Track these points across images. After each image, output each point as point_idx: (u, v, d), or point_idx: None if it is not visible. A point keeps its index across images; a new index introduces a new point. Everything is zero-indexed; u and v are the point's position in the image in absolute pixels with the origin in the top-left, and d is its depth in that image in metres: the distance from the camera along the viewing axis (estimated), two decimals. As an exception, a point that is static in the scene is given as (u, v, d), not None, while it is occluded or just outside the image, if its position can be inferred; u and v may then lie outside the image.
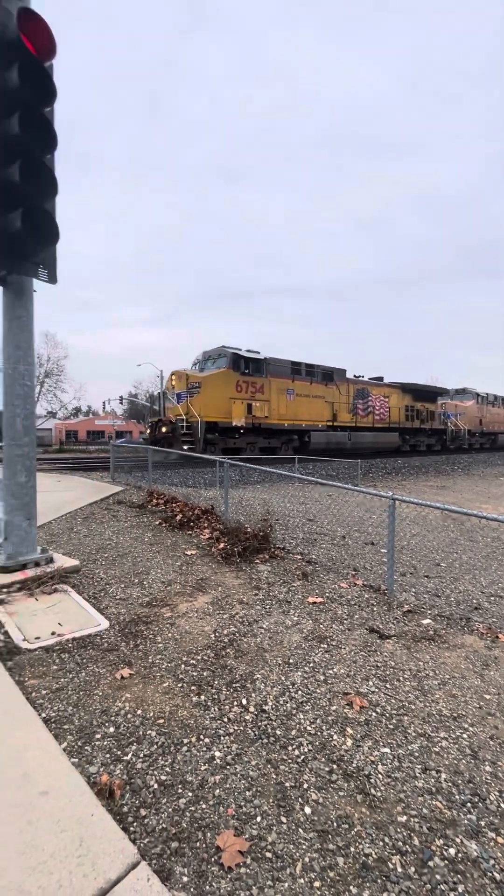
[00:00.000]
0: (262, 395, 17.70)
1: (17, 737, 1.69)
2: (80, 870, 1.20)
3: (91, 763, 1.62)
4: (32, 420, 3.58)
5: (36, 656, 2.33)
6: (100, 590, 3.31)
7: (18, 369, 3.46)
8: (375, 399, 22.58)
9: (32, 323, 3.56)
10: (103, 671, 2.23)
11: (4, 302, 3.44)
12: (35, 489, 3.61)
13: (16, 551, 3.47)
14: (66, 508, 5.99)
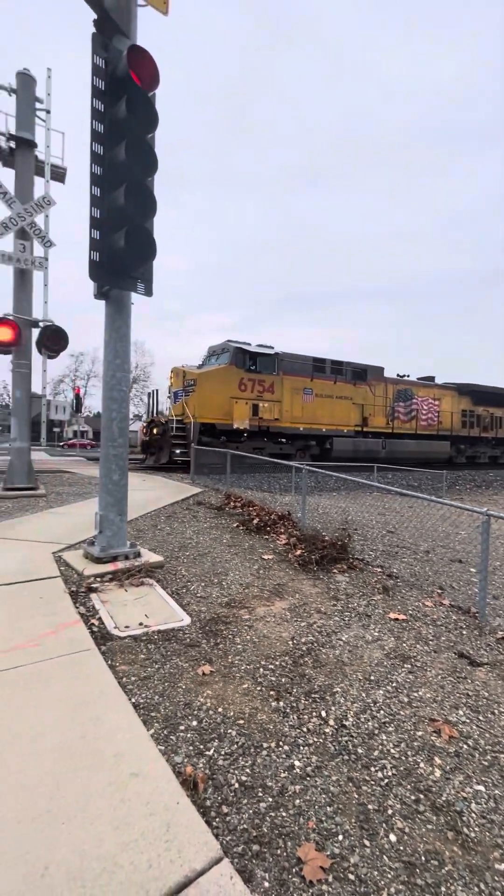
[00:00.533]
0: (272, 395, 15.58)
1: (110, 718, 1.81)
2: (168, 854, 1.25)
3: (176, 753, 1.69)
4: (126, 423, 3.85)
5: (126, 644, 2.48)
6: (181, 586, 3.45)
7: (116, 376, 3.74)
8: (422, 402, 19.62)
9: (129, 333, 3.84)
10: (186, 665, 2.32)
11: (106, 314, 3.76)
12: (127, 487, 3.87)
13: (108, 544, 3.75)
14: (151, 507, 6.35)
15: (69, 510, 6.14)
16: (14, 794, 1.41)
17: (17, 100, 7.44)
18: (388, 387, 18.60)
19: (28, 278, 7.52)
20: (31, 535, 4.62)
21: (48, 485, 8.48)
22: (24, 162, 7.53)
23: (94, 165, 3.37)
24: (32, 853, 1.23)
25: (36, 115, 7.66)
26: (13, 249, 7.29)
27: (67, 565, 3.65)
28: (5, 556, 3.80)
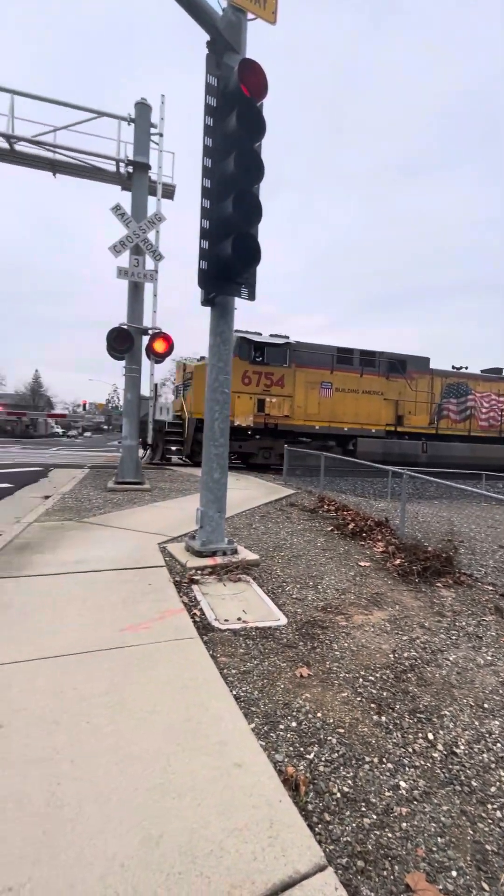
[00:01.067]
0: (282, 389, 13.98)
1: (214, 706, 1.88)
2: (272, 851, 1.27)
3: (276, 751, 1.70)
4: (227, 424, 4.00)
5: (225, 637, 2.57)
6: (277, 586, 3.48)
7: (219, 379, 3.90)
8: (481, 398, 16.58)
9: (232, 337, 3.98)
10: (283, 665, 2.33)
11: (211, 320, 3.94)
12: (226, 486, 4.02)
13: (208, 539, 3.92)
14: (245, 506, 6.51)
15: (171, 504, 6.55)
16: (132, 764, 1.53)
17: (135, 128, 8.15)
18: (435, 380, 15.85)
19: (140, 290, 8.18)
20: (140, 526, 5.01)
21: (152, 480, 9.14)
22: (140, 183, 8.22)
23: (204, 179, 3.56)
24: (148, 821, 1.32)
25: (151, 140, 8.30)
26: (128, 265, 7.98)
27: (171, 556, 3.90)
28: (120, 545, 4.18)
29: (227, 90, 3.49)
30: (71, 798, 1.38)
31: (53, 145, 8.74)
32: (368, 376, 15.00)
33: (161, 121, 8.40)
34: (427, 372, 16.02)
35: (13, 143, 8.52)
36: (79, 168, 9.10)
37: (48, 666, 2.09)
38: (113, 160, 8.80)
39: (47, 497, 6.97)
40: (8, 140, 8.47)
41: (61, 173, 9.32)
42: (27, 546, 4.03)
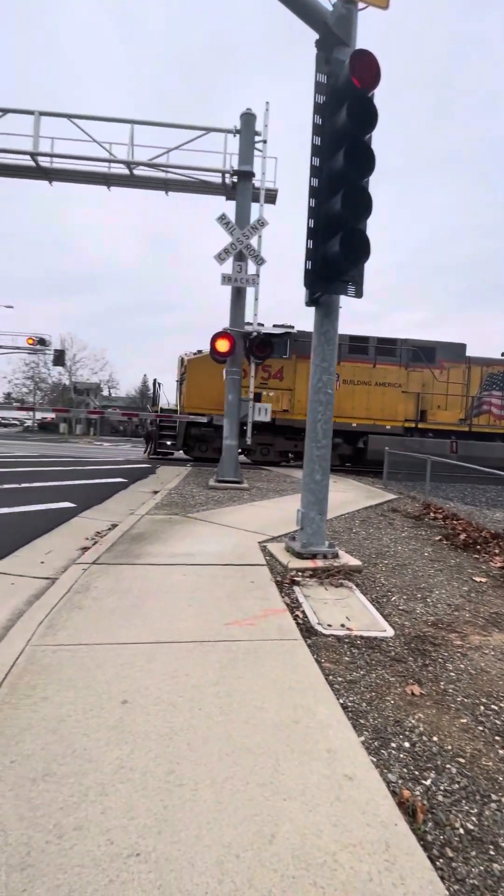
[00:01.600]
0: (281, 382, 13.01)
1: (320, 711, 1.85)
2: (389, 876, 1.20)
3: (389, 770, 1.62)
4: (330, 425, 3.93)
5: (329, 642, 2.52)
6: (381, 595, 3.33)
7: (322, 379, 3.85)
8: None
9: (336, 337, 3.90)
10: (392, 680, 2.21)
11: (315, 320, 3.90)
12: (327, 487, 3.95)
13: (308, 541, 3.89)
14: (344, 509, 6.35)
15: (269, 504, 6.64)
16: (243, 756, 1.57)
17: (240, 138, 8.43)
18: (472, 370, 13.48)
19: (242, 295, 8.44)
20: (240, 524, 5.16)
21: (250, 479, 9.37)
22: (244, 191, 8.47)
23: (312, 179, 3.54)
24: (260, 818, 1.34)
25: (254, 148, 8.52)
26: (231, 271, 8.27)
27: (272, 556, 3.94)
28: (222, 540, 4.34)
29: (337, 85, 3.44)
30: (188, 779, 1.45)
31: (166, 166, 9.42)
32: (384, 366, 13.37)
33: (265, 127, 8.57)
34: (462, 360, 13.72)
35: (133, 168, 9.36)
36: (188, 184, 9.69)
37: (163, 651, 2.23)
38: (219, 172, 9.22)
39: (156, 492, 7.51)
40: (128, 166, 9.33)
41: (173, 191, 10.01)
42: (141, 537, 4.38)
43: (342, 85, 3.37)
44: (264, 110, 8.74)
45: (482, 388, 13.65)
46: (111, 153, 9.33)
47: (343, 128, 3.33)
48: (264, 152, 8.86)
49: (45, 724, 1.65)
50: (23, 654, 2.11)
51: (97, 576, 3.21)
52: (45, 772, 1.44)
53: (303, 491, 4.01)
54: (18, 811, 1.30)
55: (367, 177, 3.42)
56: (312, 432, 3.90)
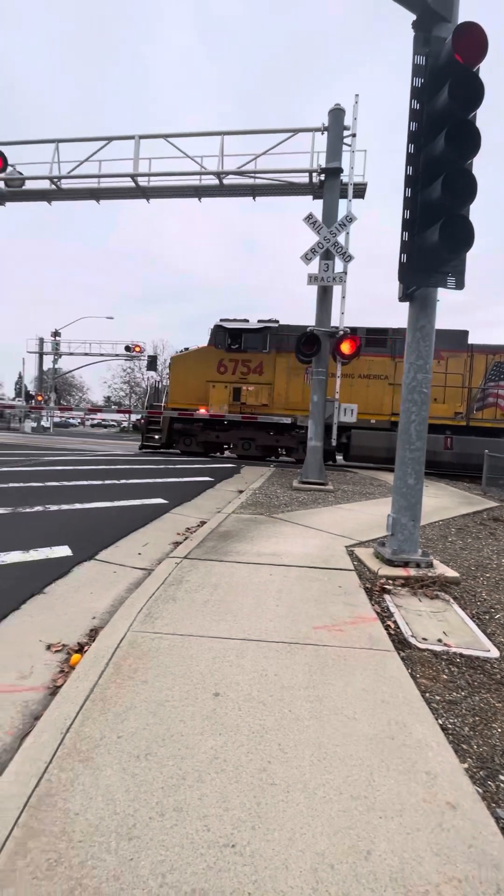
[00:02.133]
0: (261, 377, 12.93)
1: (417, 730, 1.75)
2: (502, 923, 1.09)
3: (498, 804, 1.47)
4: (425, 426, 3.71)
5: (425, 657, 2.37)
6: (483, 611, 3.05)
7: (417, 377, 3.65)
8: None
9: (433, 332, 3.67)
10: (499, 706, 2.01)
11: (409, 315, 3.71)
12: (421, 492, 3.73)
13: (400, 548, 3.71)
14: (438, 516, 5.96)
15: (355, 507, 6.45)
16: (335, 765, 1.53)
17: (328, 135, 8.32)
18: (476, 358, 12.30)
19: (328, 294, 8.31)
20: (325, 526, 5.08)
21: (334, 482, 9.19)
22: (331, 188, 8.35)
23: (408, 167, 3.37)
24: (354, 832, 1.29)
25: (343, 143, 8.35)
26: (318, 270, 8.19)
27: (360, 561, 3.82)
28: (308, 542, 4.31)
29: (437, 65, 3.23)
30: (280, 779, 1.46)
31: (254, 172, 9.61)
32: (370, 357, 12.65)
33: (354, 121, 8.36)
34: (464, 349, 12.54)
35: (222, 178, 9.70)
36: (275, 187, 9.80)
37: (252, 648, 2.27)
38: (306, 172, 9.18)
39: (241, 491, 7.69)
40: (218, 177, 9.69)
41: (260, 195, 10.19)
42: (228, 534, 4.51)
43: (443, 63, 3.16)
44: (353, 104, 8.53)
45: (487, 379, 12.44)
46: (202, 166, 9.76)
47: (444, 109, 3.12)
48: (353, 146, 8.65)
49: (146, 707, 1.76)
50: (125, 638, 2.28)
51: (188, 570, 3.37)
52: (147, 751, 1.54)
53: (394, 495, 3.83)
54: (125, 784, 1.40)
55: (470, 158, 3.16)
56: (405, 434, 3.71)
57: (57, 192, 10.94)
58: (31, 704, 1.91)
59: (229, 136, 9.81)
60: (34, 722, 1.78)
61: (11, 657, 2.24)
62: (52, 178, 10.65)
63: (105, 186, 10.68)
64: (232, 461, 13.82)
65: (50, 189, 10.92)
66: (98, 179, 10.63)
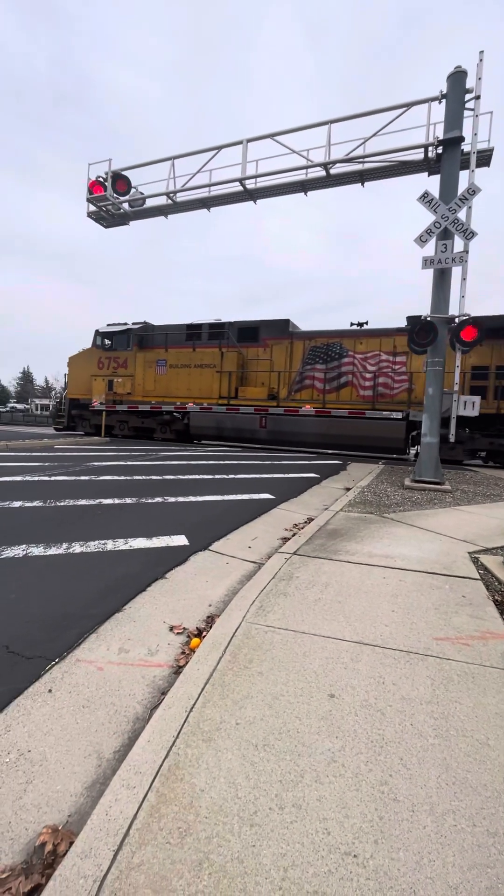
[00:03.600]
0: (126, 370, 16.30)
1: None
2: None
3: None
4: None
5: None
6: None
7: None
8: (363, 360, 12.80)
9: None
10: None
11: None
12: None
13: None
14: None
15: (478, 510, 5.86)
16: (467, 794, 1.40)
17: (447, 102, 7.62)
18: (295, 345, 14.10)
19: (447, 276, 7.65)
20: (443, 529, 4.70)
21: (452, 481, 8.47)
22: (450, 161, 7.64)
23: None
24: (493, 872, 1.16)
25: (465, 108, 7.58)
26: (434, 252, 7.58)
27: (486, 570, 3.45)
28: (424, 546, 4.03)
29: None
30: (403, 796, 1.37)
31: (362, 157, 9.22)
32: (201, 350, 15.16)
33: (478, 81, 7.53)
34: (286, 336, 14.36)
35: (329, 168, 9.48)
36: (385, 169, 9.29)
37: (367, 652, 2.18)
38: (421, 147, 8.53)
39: (348, 489, 7.49)
40: (325, 167, 9.49)
41: (369, 180, 9.75)
42: (336, 532, 4.41)
43: None
44: (477, 62, 7.68)
45: (304, 363, 13.98)
46: (309, 159, 9.65)
47: None
48: (476, 110, 7.80)
49: (261, 698, 1.80)
50: (240, 628, 2.36)
51: (298, 566, 3.37)
52: (264, 742, 1.57)
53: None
54: (245, 770, 1.44)
55: None
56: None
57: (172, 206, 11.73)
58: (158, 680, 2.08)
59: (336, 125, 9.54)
60: (161, 696, 1.94)
61: (141, 634, 2.47)
62: (168, 193, 11.46)
63: (215, 194, 11.16)
64: (338, 458, 13.54)
65: (167, 204, 11.77)
66: (209, 189, 11.15)
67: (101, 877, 1.09)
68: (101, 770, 1.56)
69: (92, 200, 12.19)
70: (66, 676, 2.05)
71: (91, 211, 12.47)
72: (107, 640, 2.39)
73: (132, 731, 1.75)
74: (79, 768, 1.57)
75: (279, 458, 12.49)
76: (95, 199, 12.13)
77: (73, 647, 2.30)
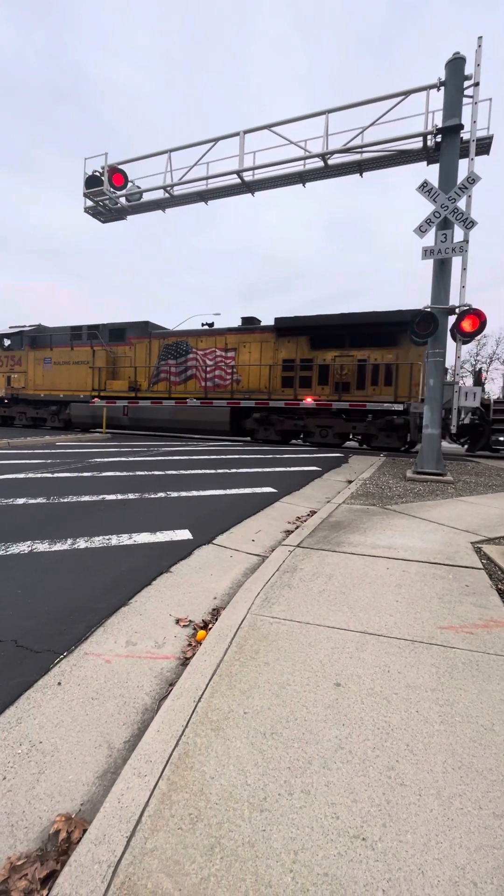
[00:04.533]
0: (21, 367, 18.75)
1: None
2: None
3: None
4: None
5: None
6: None
7: None
8: (203, 356, 15.38)
9: None
10: None
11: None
12: None
13: (539, 547, 3.27)
14: None
15: (480, 501, 5.88)
16: (473, 778, 1.42)
17: (445, 90, 7.54)
18: (153, 343, 16.45)
19: (447, 267, 7.61)
20: (446, 520, 4.71)
21: (454, 472, 8.48)
22: (449, 149, 7.58)
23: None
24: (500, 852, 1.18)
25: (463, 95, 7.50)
26: (434, 242, 7.53)
27: (489, 559, 3.47)
28: (427, 537, 4.05)
29: None
30: (410, 781, 1.39)
31: (360, 147, 9.14)
32: (78, 348, 17.57)
33: (477, 68, 7.45)
34: (146, 336, 16.59)
35: (327, 158, 9.40)
36: (384, 159, 9.21)
37: (372, 642, 2.20)
38: (419, 136, 8.46)
39: (350, 481, 7.50)
40: (323, 158, 9.41)
41: (367, 170, 9.67)
42: (339, 525, 4.43)
43: None
44: (475, 48, 7.59)
45: (160, 358, 16.41)
46: (306, 150, 9.57)
47: None
48: (475, 97, 7.72)
49: (268, 687, 1.82)
50: (245, 619, 2.39)
51: (301, 558, 3.39)
52: (272, 730, 1.59)
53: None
54: (254, 758, 1.46)
55: None
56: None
57: (170, 199, 11.66)
58: (166, 672, 2.10)
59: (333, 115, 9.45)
60: (169, 688, 1.96)
61: (148, 627, 2.49)
62: (165, 187, 11.38)
63: (212, 187, 11.08)
64: (339, 451, 13.55)
65: (164, 198, 11.69)
66: (206, 181, 11.07)
67: (116, 862, 1.12)
68: (111, 760, 1.59)
69: (89, 195, 12.12)
70: (74, 669, 2.07)
71: (88, 206, 12.40)
72: (114, 633, 2.42)
73: (141, 721, 1.77)
74: (90, 758, 1.59)
75: (281, 452, 12.49)
76: (92, 194, 12.06)
77: (81, 640, 2.32)
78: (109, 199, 12.07)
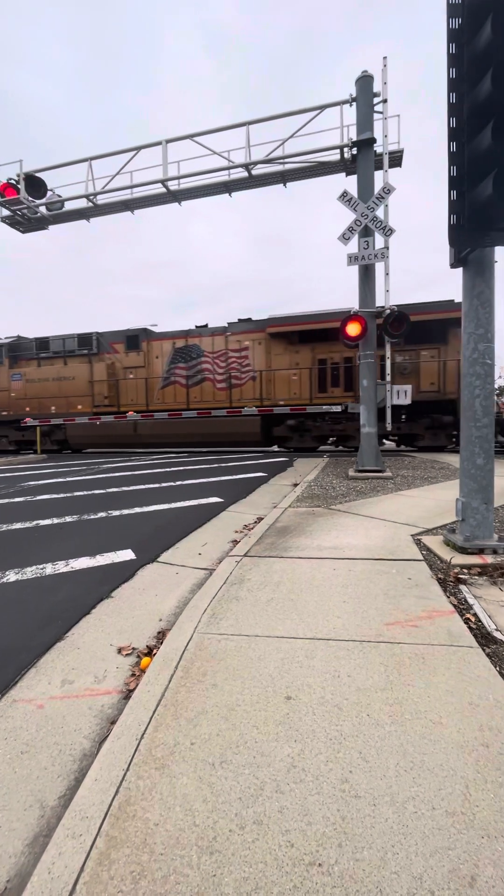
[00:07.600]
0: None
1: (514, 736, 1.57)
2: None
3: None
4: (491, 400, 3.40)
5: (513, 652, 2.16)
6: None
7: (478, 348, 3.35)
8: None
9: (493, 297, 3.35)
10: None
11: (464, 282, 3.41)
12: (493, 473, 3.44)
13: (472, 534, 3.44)
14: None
15: (417, 493, 6.14)
16: (424, 776, 1.41)
17: (357, 105, 7.93)
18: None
19: (371, 272, 7.95)
20: (387, 515, 4.85)
21: (392, 468, 8.83)
22: (365, 161, 7.96)
23: (450, 119, 3.08)
24: (454, 853, 1.17)
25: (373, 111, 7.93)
26: (357, 249, 7.85)
27: (428, 550, 3.60)
28: (370, 533, 4.13)
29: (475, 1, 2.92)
30: (364, 791, 1.36)
31: (282, 158, 9.38)
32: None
33: (384, 86, 7.90)
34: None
35: (251, 169, 9.56)
36: (305, 170, 9.51)
37: (322, 648, 2.17)
38: (336, 148, 8.83)
39: (295, 485, 7.57)
40: (246, 168, 9.56)
41: (290, 181, 9.94)
42: (286, 530, 4.42)
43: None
44: (382, 67, 8.06)
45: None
46: (230, 160, 9.68)
47: (488, 46, 2.81)
48: (385, 113, 8.19)
49: (217, 712, 1.73)
50: (192, 640, 2.27)
51: (249, 568, 3.33)
52: (221, 758, 1.50)
53: (462, 477, 3.56)
54: (202, 794, 1.36)
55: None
56: (469, 410, 3.43)
57: (93, 208, 11.30)
58: (107, 708, 1.94)
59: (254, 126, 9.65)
60: (110, 726, 1.80)
61: (87, 661, 2.31)
62: (88, 195, 11.02)
63: (137, 196, 10.89)
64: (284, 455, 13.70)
65: (87, 207, 11.31)
66: (131, 190, 10.85)
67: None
68: (44, 821, 1.41)
69: (4, 204, 11.46)
70: (1, 721, 1.85)
71: (5, 216, 11.72)
72: (48, 672, 2.21)
73: (79, 770, 1.60)
74: (18, 824, 1.41)
75: (226, 461, 12.41)
76: (8, 203, 11.42)
77: (10, 686, 2.09)
78: (28, 209, 11.49)
